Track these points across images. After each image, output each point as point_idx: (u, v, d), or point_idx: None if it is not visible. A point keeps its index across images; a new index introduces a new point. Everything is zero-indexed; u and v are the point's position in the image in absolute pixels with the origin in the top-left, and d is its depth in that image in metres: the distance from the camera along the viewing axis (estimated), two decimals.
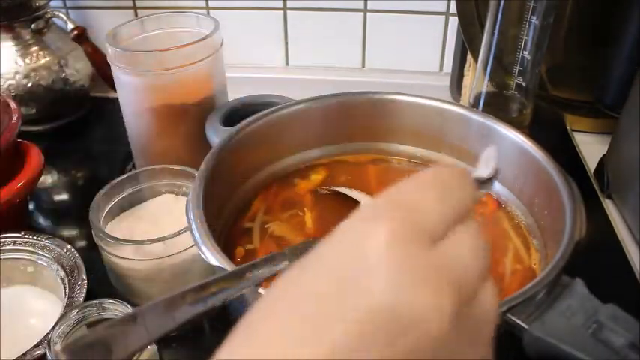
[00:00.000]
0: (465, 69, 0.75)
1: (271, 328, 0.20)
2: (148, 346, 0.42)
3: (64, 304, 0.45)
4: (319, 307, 0.20)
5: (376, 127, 0.54)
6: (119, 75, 0.59)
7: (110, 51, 0.57)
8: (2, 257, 0.50)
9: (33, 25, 0.76)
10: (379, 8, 0.83)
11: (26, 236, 0.51)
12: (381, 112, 0.53)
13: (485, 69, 0.62)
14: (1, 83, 0.73)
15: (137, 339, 0.27)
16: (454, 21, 0.79)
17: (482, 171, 0.28)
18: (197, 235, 0.37)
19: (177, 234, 0.46)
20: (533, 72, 0.60)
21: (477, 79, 0.63)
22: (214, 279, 0.32)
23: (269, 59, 0.90)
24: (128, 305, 0.42)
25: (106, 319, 0.43)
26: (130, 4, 0.88)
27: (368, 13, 0.84)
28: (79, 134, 0.80)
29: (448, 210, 0.22)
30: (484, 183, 0.28)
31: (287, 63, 0.90)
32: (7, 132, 0.55)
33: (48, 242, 0.50)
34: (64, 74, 0.78)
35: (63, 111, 0.81)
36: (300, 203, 0.50)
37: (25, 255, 0.50)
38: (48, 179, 0.71)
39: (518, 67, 0.59)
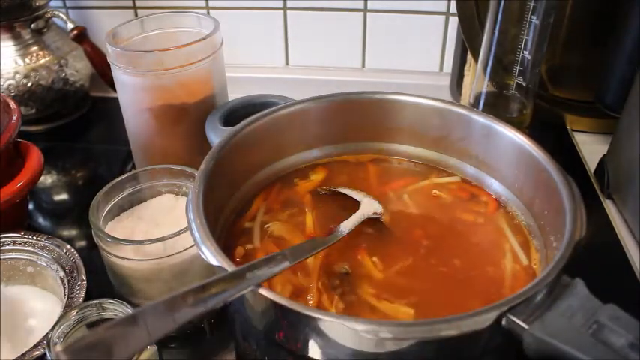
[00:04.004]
0: (465, 69, 0.75)
1: None
2: (148, 346, 0.42)
3: (64, 305, 0.45)
4: None
5: (376, 127, 0.54)
6: (119, 75, 0.59)
7: (110, 51, 0.57)
8: (2, 257, 0.50)
9: (33, 25, 0.76)
10: (379, 8, 0.83)
11: (26, 236, 0.51)
12: (381, 112, 0.53)
13: (485, 69, 0.62)
14: (1, 83, 0.73)
15: (138, 340, 0.27)
16: (454, 21, 0.79)
17: None
18: (197, 235, 0.37)
19: (177, 234, 0.46)
20: (533, 72, 0.60)
21: (477, 79, 0.63)
22: (214, 279, 0.32)
23: (269, 59, 0.90)
24: (128, 305, 0.42)
25: (105, 320, 0.43)
26: (130, 4, 0.88)
27: (368, 13, 0.84)
28: (79, 134, 0.80)
29: None
30: None
31: (287, 63, 0.90)
32: (7, 132, 0.55)
33: (47, 242, 0.50)
34: (64, 74, 0.78)
35: (63, 111, 0.81)
36: (300, 203, 0.50)
37: (25, 255, 0.50)
38: (48, 179, 0.71)
39: (518, 67, 0.59)
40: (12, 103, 0.59)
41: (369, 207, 0.48)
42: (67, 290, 0.46)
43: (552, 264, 0.35)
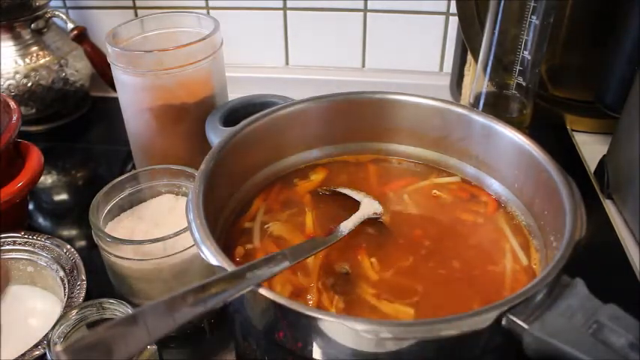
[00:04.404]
0: (465, 69, 0.75)
1: None
2: (148, 346, 0.42)
3: (64, 305, 0.45)
4: None
5: (376, 127, 0.54)
6: (119, 75, 0.59)
7: (110, 51, 0.57)
8: (2, 257, 0.50)
9: (33, 25, 0.76)
10: (379, 8, 0.83)
11: (26, 236, 0.51)
12: (381, 112, 0.53)
13: (485, 69, 0.62)
14: (1, 83, 0.73)
15: (138, 340, 0.27)
16: (454, 21, 0.79)
17: None
18: (197, 235, 0.37)
19: (177, 234, 0.46)
20: (533, 72, 0.60)
21: (477, 79, 0.63)
22: (214, 280, 0.32)
23: (269, 59, 0.90)
24: (128, 305, 0.42)
25: (105, 320, 0.43)
26: (130, 4, 0.88)
27: (368, 13, 0.84)
28: (79, 134, 0.80)
29: None
30: None
31: (287, 63, 0.90)
32: (7, 132, 0.55)
33: (47, 242, 0.50)
34: (64, 74, 0.78)
35: (63, 111, 0.81)
36: (300, 203, 0.50)
37: (25, 255, 0.50)
38: (48, 179, 0.71)
39: (518, 67, 0.59)
40: (12, 103, 0.59)
41: (369, 207, 0.48)
42: (67, 290, 0.46)
43: (552, 264, 0.35)
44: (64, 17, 0.78)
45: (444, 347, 0.32)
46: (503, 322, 0.32)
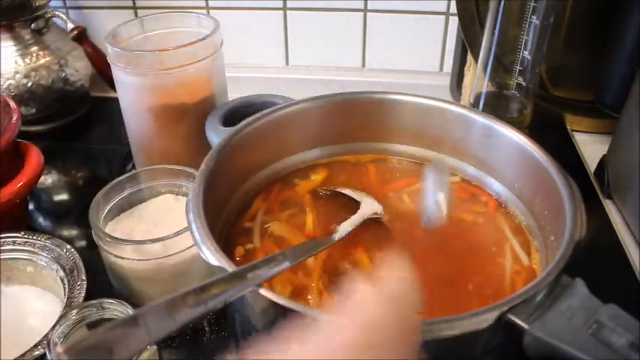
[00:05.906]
0: (465, 69, 0.75)
1: None
2: (148, 346, 0.42)
3: (64, 305, 0.45)
4: None
5: (376, 127, 0.54)
6: (119, 75, 0.59)
7: (110, 51, 0.57)
8: (2, 257, 0.50)
9: (33, 25, 0.76)
10: (379, 8, 0.83)
11: (26, 236, 0.51)
12: (381, 112, 0.53)
13: (485, 69, 0.62)
14: (1, 83, 0.73)
15: (138, 341, 0.27)
16: (454, 21, 0.79)
17: None
18: (197, 235, 0.37)
19: (177, 234, 0.46)
20: (534, 72, 0.60)
21: (477, 79, 0.64)
22: (215, 280, 0.32)
23: (269, 59, 0.90)
24: (128, 305, 0.42)
25: (105, 320, 0.43)
26: (130, 4, 0.88)
27: (368, 13, 0.84)
28: (79, 134, 0.80)
29: None
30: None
31: (287, 63, 0.90)
32: (7, 132, 0.55)
33: (47, 242, 0.50)
34: (64, 74, 0.78)
35: (63, 111, 0.81)
36: (300, 203, 0.50)
37: (25, 255, 0.50)
38: (48, 179, 0.71)
39: (518, 67, 0.59)
40: (12, 103, 0.59)
41: (369, 207, 0.48)
42: (67, 290, 0.46)
43: (552, 264, 0.35)
44: (64, 17, 0.78)
45: (444, 347, 0.32)
46: (504, 322, 0.32)
